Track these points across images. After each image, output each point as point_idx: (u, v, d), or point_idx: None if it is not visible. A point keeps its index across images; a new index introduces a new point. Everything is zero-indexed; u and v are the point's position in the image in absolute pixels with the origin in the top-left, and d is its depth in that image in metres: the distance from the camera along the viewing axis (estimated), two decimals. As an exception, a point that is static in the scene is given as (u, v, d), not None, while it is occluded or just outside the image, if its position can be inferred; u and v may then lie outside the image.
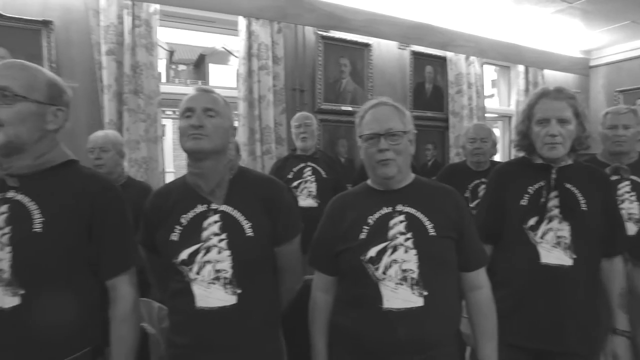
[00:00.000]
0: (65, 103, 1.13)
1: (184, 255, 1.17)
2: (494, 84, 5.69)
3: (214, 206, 1.22)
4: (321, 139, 3.43)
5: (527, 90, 4.59)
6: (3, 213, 1.03)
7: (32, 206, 1.04)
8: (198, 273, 1.16)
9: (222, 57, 13.67)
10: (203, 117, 1.18)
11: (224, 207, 1.22)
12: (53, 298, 1.03)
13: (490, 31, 4.19)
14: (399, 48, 3.88)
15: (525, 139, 1.49)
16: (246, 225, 1.21)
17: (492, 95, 5.44)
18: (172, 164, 11.21)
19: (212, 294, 1.15)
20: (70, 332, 1.06)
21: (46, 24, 2.56)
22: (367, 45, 3.66)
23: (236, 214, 1.22)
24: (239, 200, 1.23)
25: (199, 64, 14.67)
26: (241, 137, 3.06)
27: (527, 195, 1.44)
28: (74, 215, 1.07)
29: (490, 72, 5.01)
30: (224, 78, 12.66)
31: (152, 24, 2.79)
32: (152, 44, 2.81)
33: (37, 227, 1.03)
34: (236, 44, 3.13)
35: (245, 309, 1.18)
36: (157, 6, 2.80)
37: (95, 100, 2.71)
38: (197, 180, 1.23)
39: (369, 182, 1.31)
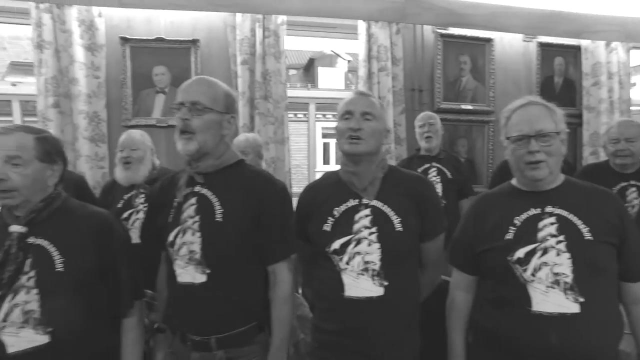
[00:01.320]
0: (236, 110, 1.33)
1: (336, 245, 1.27)
2: (636, 71, 4.93)
3: (365, 201, 1.30)
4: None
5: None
6: (193, 204, 1.24)
7: (213, 199, 1.24)
8: (348, 263, 1.25)
9: (329, 60, 14.04)
10: (361, 120, 1.27)
11: (374, 202, 1.29)
12: (230, 278, 1.21)
13: (640, 9, 3.64)
14: (525, 40, 3.62)
15: None
16: (396, 220, 1.27)
17: (633, 84, 4.75)
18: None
19: (360, 284, 1.23)
20: (242, 308, 1.23)
21: (194, 42, 2.96)
22: (488, 40, 3.49)
23: (386, 209, 1.28)
24: (389, 196, 1.30)
25: (309, 68, 15.26)
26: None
27: None
28: (245, 207, 1.23)
29: (635, 59, 4.32)
30: (332, 80, 13.04)
31: (279, 34, 3.03)
32: (279, 53, 3.05)
33: (218, 217, 1.22)
34: (348, 47, 3.24)
35: (390, 301, 1.23)
36: (285, 17, 3.02)
37: (231, 106, 3.02)
38: (351, 177, 1.32)
39: (513, 182, 1.28)
